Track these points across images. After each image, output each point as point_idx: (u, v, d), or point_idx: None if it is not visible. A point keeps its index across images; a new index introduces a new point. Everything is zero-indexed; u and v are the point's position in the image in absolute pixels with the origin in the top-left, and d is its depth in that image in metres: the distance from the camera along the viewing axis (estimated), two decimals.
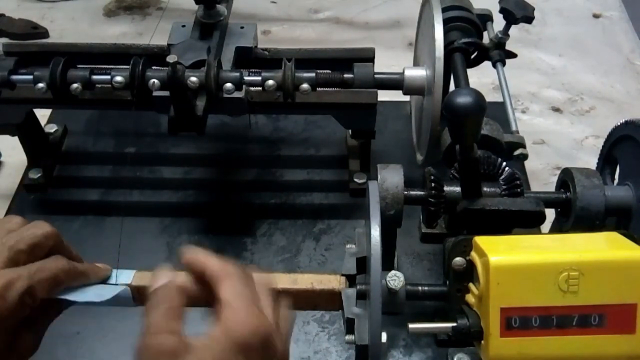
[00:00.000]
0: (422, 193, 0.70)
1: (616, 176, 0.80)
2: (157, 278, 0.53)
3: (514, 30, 0.91)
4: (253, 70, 0.81)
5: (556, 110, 1.09)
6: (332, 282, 0.64)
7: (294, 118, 1.04)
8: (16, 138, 0.91)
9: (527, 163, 0.88)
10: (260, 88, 0.80)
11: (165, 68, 0.76)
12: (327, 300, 0.64)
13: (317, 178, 0.97)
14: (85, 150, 1.01)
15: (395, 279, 0.60)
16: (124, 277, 0.64)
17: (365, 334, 0.58)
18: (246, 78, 0.80)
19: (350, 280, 0.64)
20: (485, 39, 0.93)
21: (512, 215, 0.67)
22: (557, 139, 1.04)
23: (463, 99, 0.60)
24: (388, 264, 0.64)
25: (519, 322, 0.56)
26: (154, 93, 0.78)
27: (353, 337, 0.60)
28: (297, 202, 0.94)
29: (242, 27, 0.92)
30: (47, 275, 0.53)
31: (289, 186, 0.96)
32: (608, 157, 0.80)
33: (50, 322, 0.59)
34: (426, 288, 0.65)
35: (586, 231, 0.68)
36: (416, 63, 0.97)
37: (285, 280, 0.64)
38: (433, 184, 0.69)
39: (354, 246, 0.66)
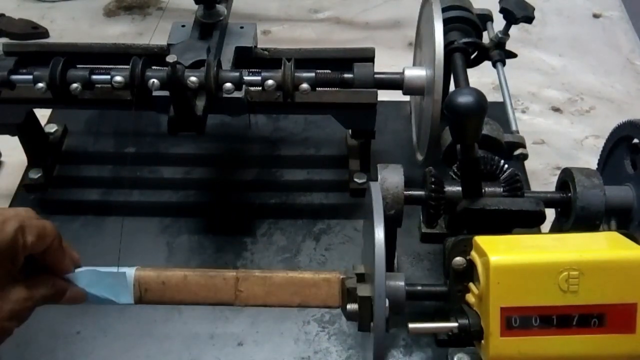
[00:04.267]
0: (422, 193, 0.70)
1: None
2: None
3: (514, 30, 0.91)
4: (253, 70, 0.81)
5: (556, 110, 1.09)
6: (332, 278, 0.64)
7: (294, 118, 1.04)
8: (16, 138, 0.90)
9: (527, 163, 0.88)
10: (260, 88, 0.80)
11: (165, 68, 0.76)
12: (327, 298, 0.64)
13: (317, 178, 0.97)
14: (85, 150, 1.01)
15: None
16: (125, 276, 0.64)
17: (368, 290, 0.58)
18: (246, 78, 0.80)
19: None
20: (485, 39, 0.93)
21: (513, 215, 0.67)
22: (557, 139, 1.04)
23: (464, 99, 0.60)
24: (388, 264, 0.64)
25: (519, 321, 0.56)
26: (153, 93, 0.78)
27: (355, 306, 0.60)
28: (297, 202, 0.94)
29: (241, 27, 0.92)
30: (35, 223, 0.59)
31: (289, 186, 0.96)
32: (608, 157, 0.80)
33: (45, 298, 0.62)
34: (426, 288, 0.66)
35: (586, 231, 0.68)
36: (416, 63, 0.97)
37: (285, 277, 0.64)
38: (433, 184, 0.69)
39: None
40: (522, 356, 0.56)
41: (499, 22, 0.92)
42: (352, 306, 0.61)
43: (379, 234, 0.58)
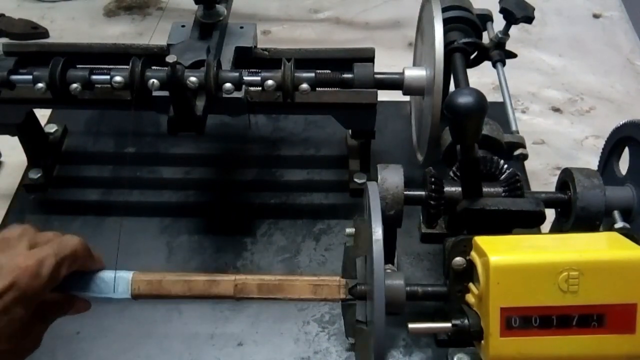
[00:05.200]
0: (422, 193, 0.70)
1: None
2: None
3: (514, 30, 0.91)
4: (252, 70, 0.81)
5: (556, 110, 1.09)
6: (332, 286, 0.64)
7: (294, 118, 1.04)
8: (16, 138, 0.90)
9: (527, 163, 0.88)
10: (259, 88, 0.80)
11: (164, 68, 0.76)
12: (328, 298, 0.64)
13: (317, 178, 0.97)
14: (85, 150, 1.01)
15: None
16: (123, 280, 0.64)
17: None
18: (245, 78, 0.80)
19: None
20: (485, 39, 0.93)
21: (512, 216, 0.67)
22: (557, 139, 1.04)
23: (464, 99, 0.60)
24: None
25: (518, 322, 0.56)
26: (153, 93, 0.78)
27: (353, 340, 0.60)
28: (297, 202, 0.94)
29: (241, 27, 0.92)
30: (68, 252, 0.58)
31: (289, 186, 0.96)
32: (609, 157, 0.80)
33: (53, 319, 0.62)
34: (426, 288, 0.65)
35: (586, 231, 0.68)
36: (416, 63, 0.96)
37: (283, 285, 0.64)
38: (433, 184, 0.69)
39: (353, 230, 0.66)
40: (522, 356, 0.56)
41: (499, 22, 0.92)
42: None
43: (377, 233, 0.58)
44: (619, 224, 0.71)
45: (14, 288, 0.53)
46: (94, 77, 0.79)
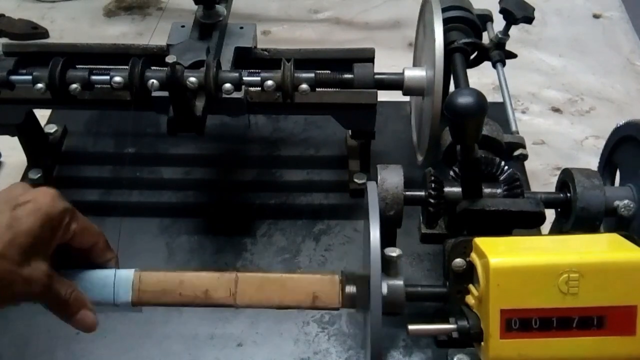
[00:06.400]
0: (422, 193, 0.70)
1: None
2: None
3: (514, 30, 0.91)
4: (252, 70, 0.81)
5: (556, 110, 1.09)
6: (333, 282, 0.64)
7: (294, 118, 1.04)
8: (16, 138, 0.90)
9: (527, 163, 0.88)
10: (259, 88, 0.80)
11: (164, 68, 0.76)
12: (327, 300, 0.64)
13: (317, 178, 0.97)
14: (85, 150, 1.01)
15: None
16: (124, 277, 0.64)
17: None
18: (245, 78, 0.79)
19: None
20: (485, 39, 0.93)
21: (512, 216, 0.67)
22: (557, 140, 1.04)
23: (464, 99, 0.60)
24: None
25: (519, 323, 0.56)
26: (153, 93, 0.78)
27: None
28: (297, 202, 0.94)
29: (241, 28, 0.92)
30: (83, 218, 0.62)
31: (289, 186, 0.96)
32: (609, 158, 0.80)
33: (59, 298, 0.62)
34: (426, 289, 0.65)
35: (586, 232, 0.68)
36: (416, 63, 0.96)
37: (284, 280, 0.64)
38: (433, 185, 0.69)
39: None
40: (522, 358, 0.56)
41: (499, 23, 0.92)
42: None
43: (375, 233, 0.58)
44: (623, 202, 0.70)
45: (32, 202, 0.58)
46: (94, 77, 0.79)
